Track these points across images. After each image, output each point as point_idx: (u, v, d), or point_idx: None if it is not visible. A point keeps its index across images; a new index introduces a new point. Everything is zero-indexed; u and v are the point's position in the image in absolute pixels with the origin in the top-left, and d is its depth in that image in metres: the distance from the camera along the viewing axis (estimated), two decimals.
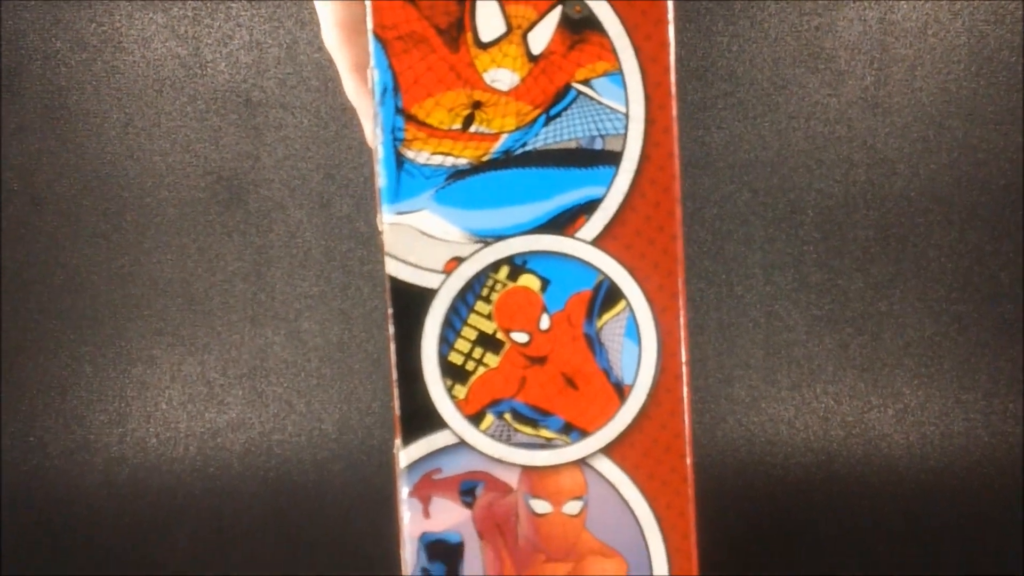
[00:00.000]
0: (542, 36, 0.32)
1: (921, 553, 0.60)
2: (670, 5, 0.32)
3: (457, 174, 0.32)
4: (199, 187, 0.72)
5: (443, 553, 0.34)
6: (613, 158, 0.32)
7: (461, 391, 0.33)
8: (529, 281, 0.33)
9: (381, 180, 0.32)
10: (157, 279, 0.72)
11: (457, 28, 0.32)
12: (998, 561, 0.58)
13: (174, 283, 0.72)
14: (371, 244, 0.71)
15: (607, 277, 0.33)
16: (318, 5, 0.38)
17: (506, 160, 0.32)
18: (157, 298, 0.72)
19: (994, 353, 0.69)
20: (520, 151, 0.32)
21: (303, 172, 0.71)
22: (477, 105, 0.32)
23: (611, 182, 0.32)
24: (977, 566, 0.58)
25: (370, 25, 0.32)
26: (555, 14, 0.32)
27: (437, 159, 0.32)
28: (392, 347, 0.33)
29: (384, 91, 0.32)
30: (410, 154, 0.32)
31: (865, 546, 0.61)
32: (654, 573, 0.34)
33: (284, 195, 0.71)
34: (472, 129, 0.32)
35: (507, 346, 0.33)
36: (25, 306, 0.72)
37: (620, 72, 0.32)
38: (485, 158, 0.32)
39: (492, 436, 0.34)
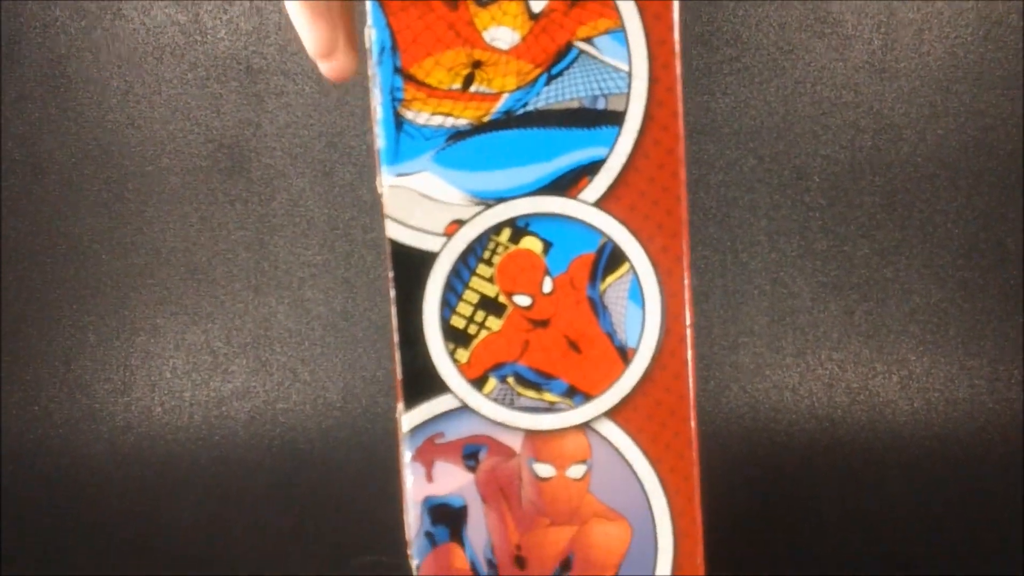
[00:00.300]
0: None
1: (924, 519, 0.60)
2: None
3: (457, 135, 0.32)
4: (201, 155, 0.71)
5: (446, 517, 0.34)
6: (616, 118, 0.32)
7: (463, 355, 0.33)
8: (531, 244, 0.33)
9: (380, 142, 0.32)
10: (160, 248, 0.72)
11: None
12: (1001, 527, 0.58)
13: (177, 252, 0.72)
14: (374, 212, 0.71)
15: (610, 239, 0.33)
16: None
17: (507, 120, 0.32)
18: (160, 267, 0.72)
19: (999, 319, 0.69)
20: (521, 111, 0.32)
21: (305, 140, 0.71)
22: (477, 64, 0.32)
23: (614, 143, 0.32)
24: (981, 532, 0.58)
25: None
26: None
27: (437, 120, 0.32)
28: (393, 311, 0.33)
29: (382, 50, 0.32)
30: (409, 115, 0.32)
31: (868, 513, 0.61)
32: (658, 536, 0.34)
33: (286, 163, 0.71)
34: (472, 89, 0.32)
35: (509, 309, 0.33)
36: (28, 275, 0.72)
37: (623, 30, 0.32)
38: (486, 118, 0.32)
39: (495, 400, 0.34)
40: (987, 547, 0.56)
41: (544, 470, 0.34)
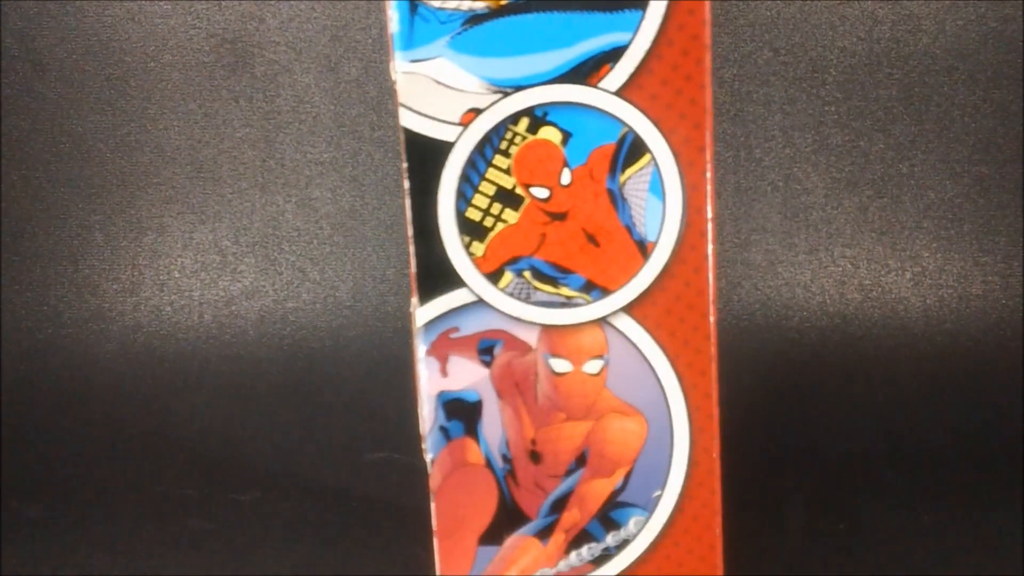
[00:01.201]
0: None
1: (935, 415, 0.60)
2: None
3: (474, 19, 0.31)
4: (203, 50, 0.70)
5: (461, 411, 0.34)
6: (640, 1, 0.31)
7: (479, 248, 0.33)
8: (550, 134, 0.32)
9: (393, 25, 0.31)
10: (164, 146, 0.71)
11: None
12: (1012, 423, 0.59)
13: (181, 150, 0.71)
14: (381, 108, 0.70)
15: (631, 129, 0.32)
16: None
17: (527, 4, 0.31)
18: (165, 166, 0.71)
19: (1014, 215, 0.68)
20: None
21: (309, 34, 0.69)
22: None
23: (637, 27, 0.31)
24: (990, 428, 0.58)
25: None
26: None
27: (453, 3, 0.31)
28: (407, 203, 0.32)
29: None
30: None
31: (879, 408, 0.61)
32: (674, 431, 0.34)
33: (290, 58, 0.70)
34: None
35: (527, 202, 0.32)
36: (32, 175, 0.72)
37: None
38: (504, 1, 0.31)
39: (511, 294, 0.33)
40: (996, 443, 0.57)
41: (560, 365, 0.34)
